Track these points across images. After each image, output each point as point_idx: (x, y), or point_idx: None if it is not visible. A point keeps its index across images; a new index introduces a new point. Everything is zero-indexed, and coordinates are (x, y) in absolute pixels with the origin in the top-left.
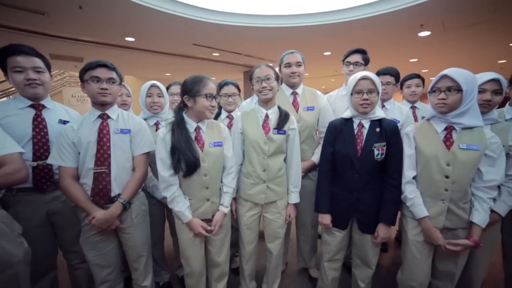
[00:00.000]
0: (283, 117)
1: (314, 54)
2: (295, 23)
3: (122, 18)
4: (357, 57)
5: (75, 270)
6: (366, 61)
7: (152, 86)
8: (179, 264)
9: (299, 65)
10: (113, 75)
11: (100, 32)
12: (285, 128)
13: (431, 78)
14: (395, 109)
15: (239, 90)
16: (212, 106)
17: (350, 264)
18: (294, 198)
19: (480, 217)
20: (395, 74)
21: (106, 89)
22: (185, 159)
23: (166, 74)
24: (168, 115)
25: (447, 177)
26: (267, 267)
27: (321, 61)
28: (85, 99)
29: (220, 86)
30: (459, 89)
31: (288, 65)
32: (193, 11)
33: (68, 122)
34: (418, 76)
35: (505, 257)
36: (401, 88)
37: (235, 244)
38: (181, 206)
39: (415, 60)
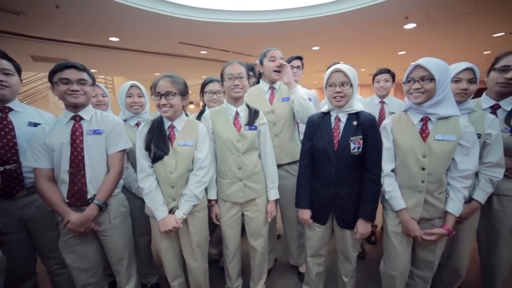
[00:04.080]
0: (253, 114)
1: (303, 49)
2: (282, 18)
3: (104, 17)
4: (297, 62)
5: (56, 276)
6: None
7: (132, 86)
8: None
9: (282, 59)
10: (84, 76)
11: (81, 33)
12: (256, 123)
13: None
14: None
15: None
16: (163, 104)
17: None
18: (273, 194)
19: (454, 206)
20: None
21: (77, 90)
22: (155, 146)
23: (156, 74)
24: (149, 115)
25: (423, 169)
26: (252, 265)
27: (310, 56)
28: None
29: (205, 83)
30: (432, 79)
31: (273, 59)
32: (177, 9)
33: (38, 123)
34: (388, 71)
35: (479, 242)
36: (372, 82)
37: (221, 243)
38: (158, 200)
39: (404, 53)
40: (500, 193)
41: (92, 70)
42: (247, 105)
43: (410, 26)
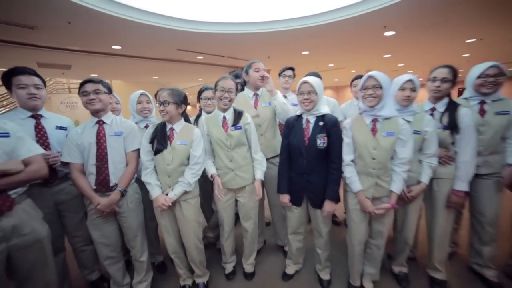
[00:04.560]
0: (237, 115)
1: (293, 54)
2: (272, 28)
3: (108, 30)
4: (289, 72)
5: (80, 252)
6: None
7: (142, 94)
8: None
9: (265, 70)
10: (99, 86)
11: (87, 43)
12: (241, 123)
13: (409, 71)
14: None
15: None
16: (161, 110)
17: None
18: (259, 174)
19: (396, 186)
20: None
21: (93, 98)
22: (157, 142)
23: (154, 77)
24: (155, 118)
25: (374, 159)
26: (244, 243)
27: (300, 60)
28: (74, 105)
29: (201, 91)
30: (381, 87)
31: (258, 70)
32: (176, 22)
33: (64, 127)
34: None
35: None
36: (350, 86)
37: (217, 227)
38: (153, 183)
39: (389, 56)
40: (437, 176)
41: (93, 75)
42: (234, 109)
43: (389, 33)
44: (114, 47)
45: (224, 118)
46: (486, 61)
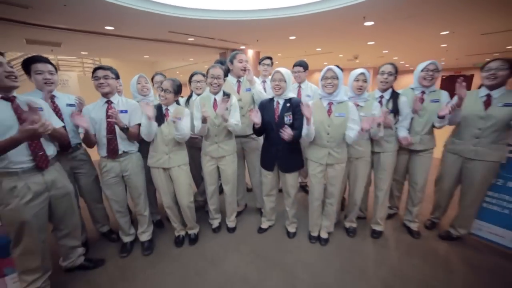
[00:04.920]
0: (226, 97)
1: (281, 38)
2: (260, 16)
3: (103, 13)
4: (267, 61)
5: (93, 209)
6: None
7: (140, 76)
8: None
9: (247, 62)
10: (108, 73)
11: (80, 23)
12: (227, 106)
13: (394, 58)
14: (308, 88)
15: (204, 76)
16: (162, 95)
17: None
18: (232, 125)
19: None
20: (304, 65)
21: (103, 83)
22: (156, 119)
23: (145, 56)
24: (154, 97)
25: (328, 134)
26: (226, 204)
27: (288, 44)
28: (65, 83)
29: (192, 75)
30: (337, 78)
31: (241, 61)
32: (167, 8)
33: (72, 104)
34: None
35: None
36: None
37: (205, 192)
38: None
39: (373, 43)
40: (383, 151)
41: (83, 53)
42: (224, 92)
43: (369, 23)
44: (107, 27)
45: (215, 100)
46: (460, 52)
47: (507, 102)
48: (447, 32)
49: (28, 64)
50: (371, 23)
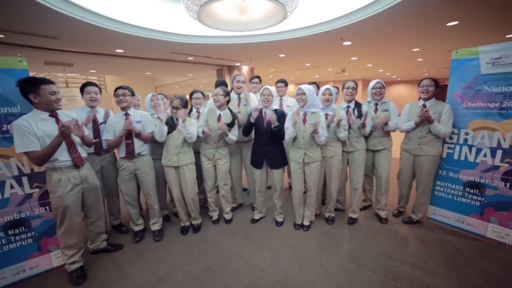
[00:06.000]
0: (233, 119)
1: (271, 56)
2: (253, 40)
3: (114, 40)
4: (256, 80)
5: (111, 203)
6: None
7: (153, 95)
8: (174, 205)
9: (243, 82)
10: (126, 91)
11: (95, 47)
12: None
13: (379, 70)
14: (288, 100)
15: (203, 95)
16: (174, 112)
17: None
18: (230, 138)
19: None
20: (285, 82)
21: (121, 99)
22: (169, 127)
23: (147, 73)
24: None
25: (303, 138)
26: (221, 198)
27: (279, 61)
28: (74, 99)
29: (192, 93)
30: (305, 94)
31: (238, 82)
32: (171, 36)
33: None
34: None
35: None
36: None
37: (204, 192)
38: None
39: (356, 58)
40: (355, 150)
41: (91, 71)
42: (232, 112)
43: (347, 43)
44: (118, 50)
45: (219, 115)
46: (435, 65)
47: (435, 110)
48: (418, 49)
49: (82, 88)
50: (349, 42)
